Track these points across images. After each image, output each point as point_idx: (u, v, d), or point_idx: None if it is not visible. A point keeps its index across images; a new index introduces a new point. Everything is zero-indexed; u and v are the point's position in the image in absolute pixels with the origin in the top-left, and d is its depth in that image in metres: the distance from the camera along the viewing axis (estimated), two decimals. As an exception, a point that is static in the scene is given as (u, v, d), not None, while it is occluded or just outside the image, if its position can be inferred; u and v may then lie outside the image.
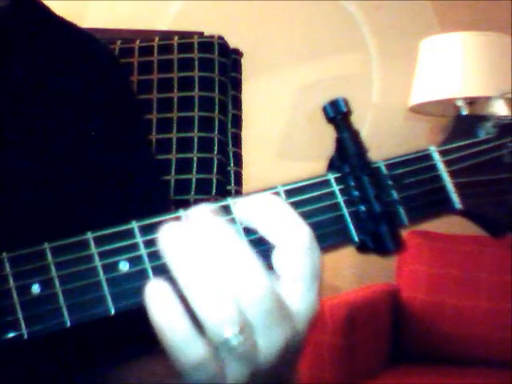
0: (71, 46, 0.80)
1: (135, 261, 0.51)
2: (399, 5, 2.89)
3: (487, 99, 2.53)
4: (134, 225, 0.52)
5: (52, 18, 0.81)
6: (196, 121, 1.21)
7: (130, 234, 0.52)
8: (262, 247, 0.52)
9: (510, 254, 2.32)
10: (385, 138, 2.76)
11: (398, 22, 2.90)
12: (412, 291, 2.52)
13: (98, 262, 0.51)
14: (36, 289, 0.50)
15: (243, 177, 1.28)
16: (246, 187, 1.30)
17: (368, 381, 2.22)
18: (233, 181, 1.25)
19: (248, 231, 0.53)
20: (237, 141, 1.26)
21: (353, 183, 0.55)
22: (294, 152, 2.87)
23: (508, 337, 2.37)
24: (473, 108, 2.56)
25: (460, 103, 2.54)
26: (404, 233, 0.56)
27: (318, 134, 2.64)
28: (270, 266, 0.51)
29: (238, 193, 1.26)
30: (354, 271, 2.73)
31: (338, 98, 0.56)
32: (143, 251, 0.51)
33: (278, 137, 2.88)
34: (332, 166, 0.56)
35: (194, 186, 1.19)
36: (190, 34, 1.31)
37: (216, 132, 1.22)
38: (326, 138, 0.62)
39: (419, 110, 2.66)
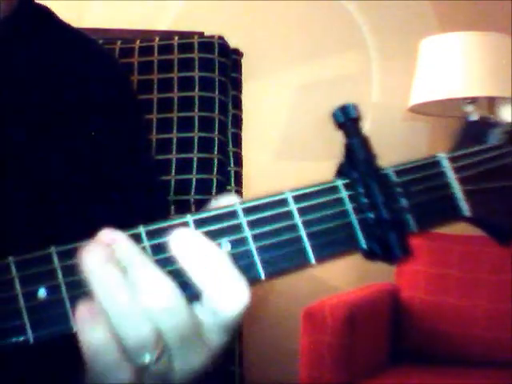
0: (71, 48, 0.80)
1: None
2: (399, 5, 2.89)
3: (487, 99, 2.53)
4: (142, 229, 0.51)
5: (52, 20, 0.81)
6: (196, 121, 1.21)
7: (137, 239, 0.51)
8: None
9: (510, 254, 2.32)
10: (385, 138, 2.75)
11: (397, 22, 2.90)
12: (412, 291, 2.52)
13: None
14: (42, 293, 0.50)
15: (243, 177, 1.28)
16: (245, 187, 1.30)
17: (368, 381, 2.22)
18: (233, 181, 1.25)
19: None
20: (237, 141, 1.26)
21: (361, 190, 0.54)
22: (293, 152, 2.87)
23: (508, 337, 2.37)
24: (473, 108, 2.56)
25: (469, 109, 2.53)
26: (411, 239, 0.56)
27: (318, 133, 2.64)
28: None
29: (238, 193, 1.26)
30: (354, 271, 2.73)
31: (348, 104, 0.55)
32: (151, 257, 0.51)
33: (278, 137, 2.88)
34: (341, 172, 0.55)
35: (194, 186, 1.19)
36: (190, 34, 1.31)
37: (216, 132, 1.22)
38: (326, 137, 0.62)
39: (419, 110, 2.66)
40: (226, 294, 0.50)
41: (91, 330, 0.48)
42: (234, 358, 1.21)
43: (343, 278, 2.71)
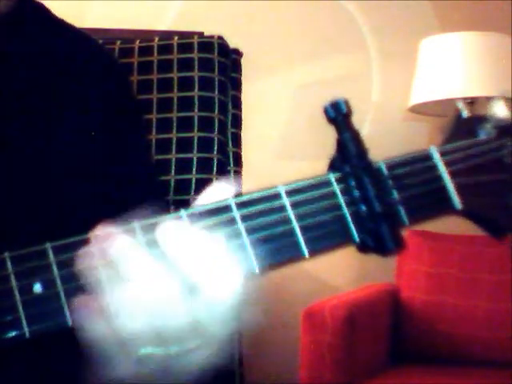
0: (71, 47, 0.80)
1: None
2: (399, 5, 2.89)
3: (487, 99, 2.53)
4: (136, 225, 0.52)
5: (51, 19, 0.81)
6: (196, 121, 1.21)
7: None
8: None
9: (509, 254, 2.32)
10: (385, 138, 2.75)
11: (397, 22, 2.90)
12: (412, 291, 2.52)
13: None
14: (38, 288, 0.50)
15: (243, 177, 1.28)
16: (245, 187, 1.30)
17: (368, 381, 2.22)
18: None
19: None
20: (237, 141, 1.26)
21: (353, 183, 0.55)
22: (293, 152, 2.87)
23: (508, 337, 2.37)
24: (473, 108, 2.56)
25: (460, 105, 2.54)
26: (404, 232, 0.56)
27: (318, 133, 2.64)
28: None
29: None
30: (354, 271, 2.73)
31: (339, 99, 0.56)
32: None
33: (278, 137, 2.88)
34: (333, 167, 0.56)
35: (193, 186, 1.19)
36: (189, 34, 1.31)
37: (216, 132, 1.22)
38: (326, 137, 0.62)
39: (419, 110, 2.66)
40: (217, 283, 0.50)
41: (90, 324, 0.49)
42: (233, 358, 1.21)
43: (343, 277, 2.71)
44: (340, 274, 2.71)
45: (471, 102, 2.55)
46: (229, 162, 1.24)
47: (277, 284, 2.40)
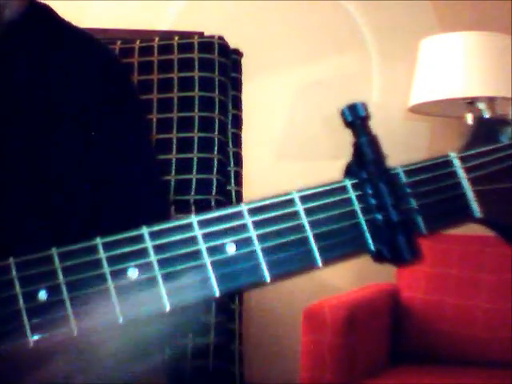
0: (73, 47, 0.80)
1: (145, 267, 0.50)
2: (399, 5, 2.89)
3: (487, 99, 2.53)
4: (145, 230, 0.50)
5: (54, 19, 0.81)
6: (196, 121, 1.21)
7: (139, 239, 0.50)
8: None
9: (510, 254, 2.32)
10: (385, 138, 2.73)
11: (398, 22, 2.90)
12: (412, 291, 2.52)
13: (106, 269, 0.49)
14: (43, 295, 0.49)
15: (243, 177, 1.28)
16: (245, 187, 1.30)
17: (368, 381, 2.22)
18: (233, 181, 1.25)
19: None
20: (237, 141, 1.27)
21: (370, 190, 0.53)
22: (293, 152, 2.86)
23: (508, 337, 2.37)
24: (473, 108, 2.56)
25: (482, 106, 2.52)
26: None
27: (318, 133, 2.64)
28: None
29: (238, 193, 1.26)
30: (354, 271, 2.73)
31: (357, 102, 0.54)
32: (153, 258, 0.50)
33: (278, 137, 2.88)
34: (349, 172, 0.54)
35: (194, 186, 1.19)
36: (190, 34, 1.31)
37: (216, 132, 1.22)
38: (326, 137, 0.62)
39: (419, 109, 2.66)
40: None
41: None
42: (234, 358, 1.21)
43: (343, 278, 2.71)
44: (340, 274, 2.71)
45: (471, 101, 2.55)
46: (229, 162, 1.25)
47: (277, 284, 2.40)
